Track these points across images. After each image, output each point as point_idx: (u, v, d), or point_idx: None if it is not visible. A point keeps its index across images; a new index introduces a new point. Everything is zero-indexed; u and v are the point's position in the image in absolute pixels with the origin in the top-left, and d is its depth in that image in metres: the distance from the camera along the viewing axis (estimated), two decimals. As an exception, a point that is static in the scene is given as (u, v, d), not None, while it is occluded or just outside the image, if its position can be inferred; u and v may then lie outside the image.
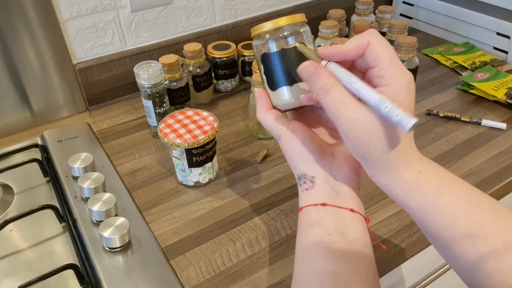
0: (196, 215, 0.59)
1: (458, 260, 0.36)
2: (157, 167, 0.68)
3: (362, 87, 0.34)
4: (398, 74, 0.36)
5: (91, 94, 0.83)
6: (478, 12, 0.94)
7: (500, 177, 0.63)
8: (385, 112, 0.33)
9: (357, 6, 0.96)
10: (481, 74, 0.85)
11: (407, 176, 0.36)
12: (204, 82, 0.81)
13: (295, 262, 0.40)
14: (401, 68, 0.36)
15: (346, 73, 0.36)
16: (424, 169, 0.37)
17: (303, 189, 0.42)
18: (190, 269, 0.52)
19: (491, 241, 0.34)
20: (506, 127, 0.73)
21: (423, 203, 0.36)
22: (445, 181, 0.37)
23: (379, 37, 0.36)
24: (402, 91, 0.35)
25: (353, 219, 0.39)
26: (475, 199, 0.36)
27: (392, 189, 0.37)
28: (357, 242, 0.38)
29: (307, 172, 0.42)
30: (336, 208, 0.40)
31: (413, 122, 0.32)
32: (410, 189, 0.36)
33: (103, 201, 0.56)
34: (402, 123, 0.32)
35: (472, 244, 0.34)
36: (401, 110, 0.32)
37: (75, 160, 0.64)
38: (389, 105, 0.32)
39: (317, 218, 0.39)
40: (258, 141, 0.73)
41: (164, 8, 0.84)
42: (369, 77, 0.37)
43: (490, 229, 0.34)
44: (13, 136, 0.77)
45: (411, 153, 0.37)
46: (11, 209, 0.61)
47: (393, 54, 0.36)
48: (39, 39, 0.73)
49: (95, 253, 0.53)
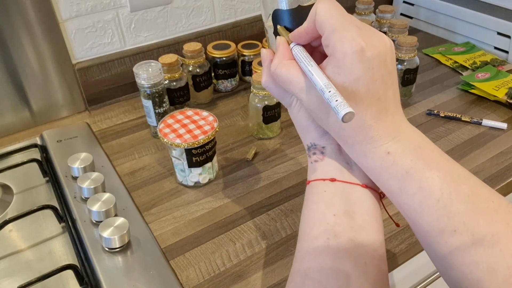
0: (196, 215, 0.59)
1: (431, 247, 0.34)
2: (156, 167, 0.68)
3: (314, 70, 0.32)
4: (341, 41, 0.31)
5: (91, 94, 0.82)
6: (478, 12, 0.94)
7: (501, 177, 0.63)
8: (326, 98, 0.30)
9: (357, 5, 0.95)
10: (481, 74, 0.85)
11: (373, 155, 0.34)
12: (204, 82, 0.81)
13: (298, 238, 0.38)
14: (347, 34, 0.31)
15: (304, 56, 0.34)
16: (394, 149, 0.33)
17: (312, 161, 0.39)
18: (190, 270, 0.52)
19: (459, 232, 0.31)
20: (507, 127, 0.73)
21: (391, 185, 0.34)
22: (419, 163, 0.33)
23: (327, 3, 0.33)
24: (344, 63, 0.31)
25: (364, 196, 0.37)
26: (451, 186, 0.33)
27: (363, 167, 0.36)
28: (365, 224, 0.35)
29: (318, 142, 0.39)
30: (346, 184, 0.37)
31: (345, 111, 0.29)
32: (379, 169, 0.34)
33: (103, 201, 0.56)
34: (337, 111, 0.29)
35: (439, 234, 0.32)
36: (339, 98, 0.30)
37: (75, 160, 0.64)
38: (332, 91, 0.30)
39: (324, 196, 0.37)
40: (258, 141, 0.73)
41: (163, 7, 0.84)
42: (324, 50, 0.34)
43: (460, 220, 0.32)
44: (13, 136, 0.77)
45: (376, 129, 0.33)
46: (11, 209, 0.61)
47: (339, 18, 0.32)
48: (39, 38, 0.73)
49: (95, 253, 0.53)
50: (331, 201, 0.36)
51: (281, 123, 0.75)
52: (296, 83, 0.35)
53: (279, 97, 0.40)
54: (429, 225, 0.33)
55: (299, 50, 0.35)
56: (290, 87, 0.36)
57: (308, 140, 0.40)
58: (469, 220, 0.32)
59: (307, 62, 0.34)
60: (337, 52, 0.32)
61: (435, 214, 0.32)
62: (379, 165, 0.34)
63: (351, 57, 0.31)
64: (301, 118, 0.39)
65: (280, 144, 0.72)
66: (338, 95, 0.30)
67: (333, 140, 0.39)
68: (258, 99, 0.70)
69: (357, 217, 0.36)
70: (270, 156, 0.69)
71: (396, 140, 0.34)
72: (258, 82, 0.67)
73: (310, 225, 0.37)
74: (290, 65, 0.35)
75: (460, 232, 0.32)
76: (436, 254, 0.34)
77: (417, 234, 0.35)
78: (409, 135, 0.35)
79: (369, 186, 0.37)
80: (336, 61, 0.32)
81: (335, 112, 0.30)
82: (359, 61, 0.31)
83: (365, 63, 0.32)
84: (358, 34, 0.32)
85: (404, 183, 0.33)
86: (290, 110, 0.40)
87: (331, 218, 0.36)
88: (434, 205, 0.32)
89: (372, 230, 0.36)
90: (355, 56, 0.31)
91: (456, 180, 0.33)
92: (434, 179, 0.33)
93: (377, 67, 0.32)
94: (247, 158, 0.69)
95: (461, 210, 0.32)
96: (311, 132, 0.39)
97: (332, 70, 0.33)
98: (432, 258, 0.35)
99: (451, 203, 0.32)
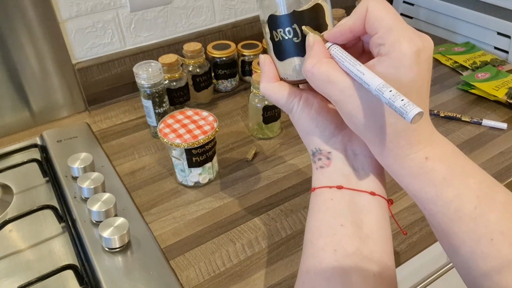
0: (196, 215, 0.59)
1: (461, 255, 0.33)
2: (156, 167, 0.68)
3: (364, 70, 0.30)
4: (399, 41, 0.30)
5: (91, 94, 0.82)
6: (478, 12, 0.94)
7: (500, 177, 0.63)
8: (387, 98, 0.28)
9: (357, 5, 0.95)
10: (481, 74, 0.85)
11: (410, 161, 0.32)
12: (204, 82, 0.81)
13: (303, 249, 0.37)
14: (404, 34, 0.30)
15: (347, 56, 0.32)
16: (433, 155, 0.32)
17: (318, 167, 0.38)
18: (190, 270, 0.52)
19: (496, 241, 0.31)
20: (507, 127, 0.73)
21: (427, 192, 0.32)
22: (456, 170, 0.32)
23: (379, 0, 0.31)
24: (402, 63, 0.30)
25: (372, 205, 0.35)
26: (487, 193, 0.32)
27: (395, 173, 0.34)
28: (373, 234, 0.34)
29: (323, 147, 0.37)
30: (353, 192, 0.36)
31: (415, 111, 0.27)
32: (414, 175, 0.32)
33: (103, 201, 0.56)
34: (403, 113, 0.27)
35: (475, 241, 0.31)
36: (404, 98, 0.28)
37: (75, 160, 0.64)
38: (393, 91, 0.28)
39: (331, 204, 0.36)
40: (258, 141, 0.73)
41: (163, 7, 0.84)
42: (372, 49, 0.33)
43: (497, 228, 0.31)
44: (12, 136, 0.77)
45: (419, 133, 0.32)
46: (11, 209, 0.61)
47: (394, 17, 0.31)
48: (39, 38, 0.73)
49: (95, 253, 0.53)
50: (338, 211, 0.35)
51: (281, 123, 0.75)
52: (337, 83, 0.32)
53: (278, 103, 0.39)
54: (465, 234, 0.32)
55: (338, 50, 0.33)
56: (329, 87, 0.33)
57: (313, 145, 0.38)
58: (506, 229, 0.31)
59: (352, 62, 0.31)
60: (395, 51, 0.30)
61: (471, 222, 0.31)
62: (416, 171, 0.32)
63: (410, 58, 0.30)
64: (304, 123, 0.38)
65: (280, 144, 0.72)
66: (401, 95, 0.28)
67: (339, 145, 0.38)
68: (258, 99, 0.70)
69: (365, 226, 0.35)
70: (270, 156, 0.69)
71: (433, 145, 0.33)
72: (258, 82, 0.67)
73: (316, 236, 0.36)
74: (330, 64, 0.33)
75: (497, 241, 0.31)
76: (468, 264, 0.33)
77: (448, 245, 0.34)
78: (442, 140, 0.34)
79: (377, 193, 0.36)
80: (392, 61, 0.30)
81: (400, 112, 0.28)
82: (416, 63, 0.30)
83: (420, 65, 0.30)
84: (415, 34, 0.31)
85: (441, 190, 0.32)
86: (292, 115, 0.39)
87: (338, 228, 0.34)
88: (471, 213, 0.31)
89: (380, 240, 0.35)
90: (414, 57, 0.30)
91: (492, 188, 0.32)
92: (471, 186, 0.32)
93: (427, 70, 0.31)
94: (247, 158, 0.69)
95: (498, 219, 0.31)
96: (316, 137, 0.38)
97: (385, 70, 0.31)
98: (461, 267, 0.34)
99: (488, 211, 0.31)
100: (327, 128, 0.37)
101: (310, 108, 0.38)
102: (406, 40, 0.30)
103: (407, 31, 0.30)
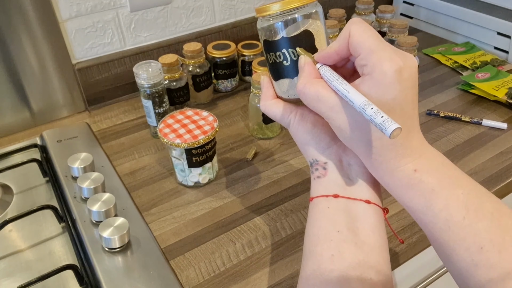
0: (196, 215, 0.59)
1: (453, 264, 0.34)
2: (156, 167, 0.68)
3: (349, 89, 0.33)
4: (380, 61, 0.32)
5: (91, 94, 0.82)
6: (478, 12, 0.94)
7: (501, 177, 0.63)
8: (368, 115, 0.31)
9: (357, 5, 0.95)
10: (481, 74, 0.85)
11: (399, 173, 0.34)
12: (204, 82, 0.81)
13: (303, 257, 0.38)
14: (385, 55, 0.32)
15: (334, 76, 0.35)
16: (421, 167, 0.34)
17: (315, 177, 0.40)
18: (190, 270, 0.52)
19: (486, 249, 0.32)
20: (507, 127, 0.73)
21: (416, 203, 0.34)
22: (445, 181, 0.34)
23: (360, 25, 0.34)
24: (384, 82, 0.32)
25: (367, 213, 0.37)
26: (476, 203, 0.33)
27: (386, 184, 0.36)
28: (369, 240, 0.36)
29: (319, 157, 0.40)
30: (349, 200, 0.37)
31: (393, 127, 0.29)
32: (404, 186, 0.34)
33: (103, 201, 0.56)
34: (383, 128, 0.30)
35: (465, 250, 0.32)
36: (384, 114, 0.30)
37: (75, 160, 0.64)
38: (374, 108, 0.30)
39: (327, 212, 0.37)
40: (258, 141, 0.73)
41: (163, 7, 0.84)
42: (358, 69, 0.35)
43: (487, 237, 0.32)
44: (12, 136, 0.77)
45: (406, 147, 0.34)
46: (10, 209, 0.61)
47: (375, 39, 0.33)
48: (39, 38, 0.73)
49: (95, 253, 0.53)
50: (335, 218, 0.37)
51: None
52: (326, 101, 0.35)
53: (276, 118, 0.42)
54: (455, 243, 0.33)
55: (327, 70, 0.36)
56: (319, 105, 0.36)
57: (310, 156, 0.41)
58: (495, 237, 0.32)
59: (339, 81, 0.34)
60: (376, 71, 0.32)
61: (461, 231, 0.33)
62: (405, 182, 0.34)
63: (391, 77, 0.32)
64: (301, 135, 0.40)
65: (280, 144, 0.72)
66: (381, 112, 0.30)
67: (334, 155, 0.39)
68: (258, 99, 0.70)
69: (361, 233, 0.36)
70: (270, 156, 0.69)
71: (422, 157, 0.34)
72: (258, 82, 0.67)
73: (314, 243, 0.37)
74: (319, 84, 0.36)
75: (486, 249, 0.32)
76: (461, 272, 0.34)
77: (441, 254, 0.35)
78: (432, 153, 0.35)
79: (373, 201, 0.38)
80: (374, 81, 0.33)
81: (380, 128, 0.30)
82: (397, 81, 0.32)
83: (402, 83, 0.32)
84: (396, 54, 0.33)
85: (430, 201, 0.34)
86: (290, 129, 0.42)
87: (335, 234, 0.36)
88: (460, 222, 0.33)
89: (376, 246, 0.36)
90: (395, 76, 0.32)
91: (480, 198, 0.34)
92: (459, 196, 0.33)
93: (410, 87, 0.33)
94: (247, 158, 0.69)
95: (487, 227, 0.32)
96: (312, 148, 0.40)
97: (368, 89, 0.33)
98: (455, 276, 0.35)
99: (477, 220, 0.32)
100: (323, 140, 0.40)
101: (305, 122, 0.40)
102: (387, 60, 0.32)
103: (388, 51, 0.33)
